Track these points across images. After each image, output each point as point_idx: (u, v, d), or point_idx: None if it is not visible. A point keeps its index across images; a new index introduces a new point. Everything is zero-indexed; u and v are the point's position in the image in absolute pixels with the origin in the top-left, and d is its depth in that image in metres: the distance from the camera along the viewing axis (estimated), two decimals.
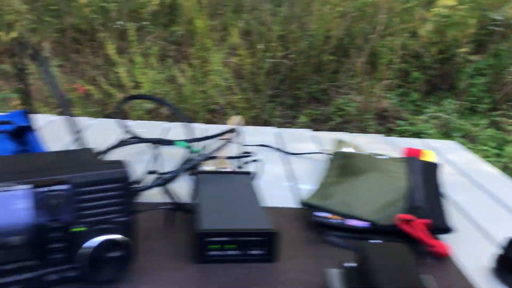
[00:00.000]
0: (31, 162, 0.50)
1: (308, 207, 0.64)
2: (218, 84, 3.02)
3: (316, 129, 1.16)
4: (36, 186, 0.45)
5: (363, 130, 3.07)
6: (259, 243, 0.55)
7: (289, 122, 3.16)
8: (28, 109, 0.73)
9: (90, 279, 0.49)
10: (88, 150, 0.55)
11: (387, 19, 3.38)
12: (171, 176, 0.69)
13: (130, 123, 1.06)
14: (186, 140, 0.87)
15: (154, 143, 0.88)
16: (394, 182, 0.68)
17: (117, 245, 0.49)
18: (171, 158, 0.84)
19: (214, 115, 3.01)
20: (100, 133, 0.99)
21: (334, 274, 0.50)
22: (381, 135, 1.17)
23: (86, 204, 0.48)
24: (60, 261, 0.48)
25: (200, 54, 3.18)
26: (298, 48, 3.36)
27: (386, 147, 1.03)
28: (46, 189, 0.46)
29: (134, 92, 2.92)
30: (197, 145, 0.84)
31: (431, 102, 3.43)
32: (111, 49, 3.03)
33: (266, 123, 2.87)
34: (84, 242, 0.48)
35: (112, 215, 0.49)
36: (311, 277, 0.53)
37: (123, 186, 0.49)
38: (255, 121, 2.91)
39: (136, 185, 0.65)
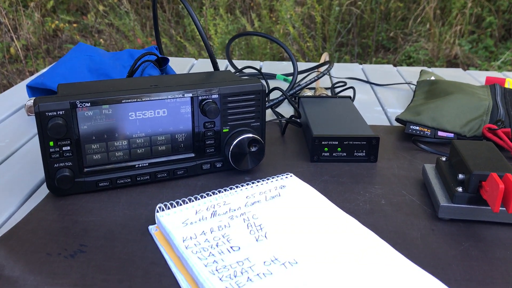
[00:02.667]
0: (187, 79, 0.64)
1: (402, 122, 0.75)
2: (287, 32, 3.09)
3: None
4: (196, 95, 0.59)
5: None
6: (362, 147, 0.67)
7: None
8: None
9: (233, 168, 0.63)
10: (227, 71, 0.68)
11: None
12: (279, 100, 0.82)
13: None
14: (286, 74, 0.99)
15: (262, 76, 1.01)
16: (479, 101, 0.77)
17: (253, 142, 0.62)
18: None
19: None
20: (205, 70, 1.14)
21: (429, 168, 0.61)
22: (458, 69, 1.23)
23: (231, 111, 0.62)
24: (212, 155, 0.63)
25: (268, 3, 3.24)
26: None
27: (467, 79, 1.10)
28: (203, 97, 0.60)
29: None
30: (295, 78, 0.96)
31: (507, 48, 3.32)
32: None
33: None
34: (229, 140, 0.62)
35: (250, 120, 0.63)
36: (407, 172, 0.65)
37: (259, 97, 0.62)
38: None
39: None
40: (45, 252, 0.47)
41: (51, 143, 0.55)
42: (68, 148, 0.55)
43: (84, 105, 0.55)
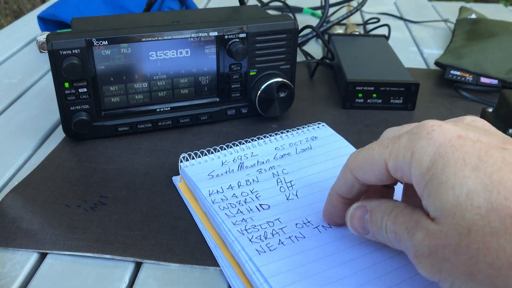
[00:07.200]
0: (211, 15, 0.58)
1: (441, 66, 0.69)
2: None
3: None
4: (222, 34, 0.54)
5: None
6: (400, 93, 0.62)
7: None
8: None
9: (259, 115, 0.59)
10: (255, 6, 0.62)
11: None
12: (308, 38, 0.76)
13: None
14: (313, 8, 0.91)
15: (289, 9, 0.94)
16: None
17: (282, 87, 0.58)
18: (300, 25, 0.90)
19: None
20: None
21: None
22: (499, 4, 1.14)
23: (259, 52, 0.56)
24: (237, 99, 0.58)
25: None
26: None
27: (509, 16, 1.02)
28: (229, 36, 0.54)
29: None
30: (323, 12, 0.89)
31: None
32: None
33: None
34: (256, 84, 0.58)
35: (279, 62, 0.58)
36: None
37: (291, 37, 0.57)
38: None
39: None
40: (64, 203, 0.44)
41: (66, 85, 0.51)
42: (85, 90, 0.51)
43: (101, 43, 0.50)
